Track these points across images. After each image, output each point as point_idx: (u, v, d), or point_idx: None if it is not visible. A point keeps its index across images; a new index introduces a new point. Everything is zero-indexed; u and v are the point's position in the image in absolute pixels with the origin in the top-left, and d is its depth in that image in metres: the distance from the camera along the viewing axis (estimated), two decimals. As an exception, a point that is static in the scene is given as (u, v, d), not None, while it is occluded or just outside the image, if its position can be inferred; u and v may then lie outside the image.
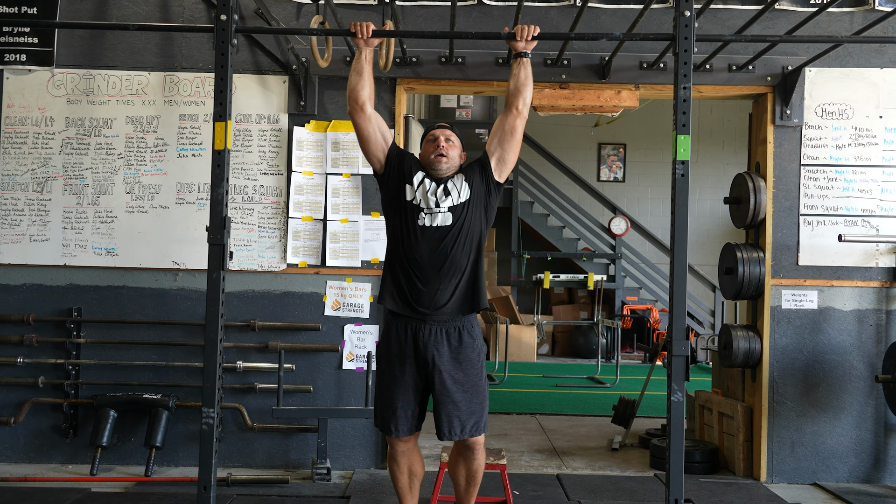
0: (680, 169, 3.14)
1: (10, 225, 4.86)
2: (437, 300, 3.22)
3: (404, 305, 3.26)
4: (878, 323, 4.84)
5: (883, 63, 4.87)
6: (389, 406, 3.28)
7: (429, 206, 3.24)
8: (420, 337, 3.24)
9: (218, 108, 3.14)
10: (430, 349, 3.23)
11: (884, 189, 4.85)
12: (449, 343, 3.25)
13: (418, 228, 3.23)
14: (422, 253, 3.22)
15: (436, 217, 3.23)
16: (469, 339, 3.28)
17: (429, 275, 3.22)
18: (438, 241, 3.22)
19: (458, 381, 3.24)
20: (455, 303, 3.25)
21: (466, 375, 3.26)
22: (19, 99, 4.89)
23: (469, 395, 3.25)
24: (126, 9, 4.89)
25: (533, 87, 3.39)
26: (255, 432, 4.79)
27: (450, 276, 3.23)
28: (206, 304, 3.16)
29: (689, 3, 3.13)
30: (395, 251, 3.32)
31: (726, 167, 12.12)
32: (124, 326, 4.84)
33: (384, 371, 3.33)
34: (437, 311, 3.23)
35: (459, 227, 3.23)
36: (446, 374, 3.23)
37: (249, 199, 4.87)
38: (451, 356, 3.25)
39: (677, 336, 3.11)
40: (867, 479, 4.82)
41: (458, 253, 3.23)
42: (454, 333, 3.26)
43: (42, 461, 4.81)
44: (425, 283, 3.22)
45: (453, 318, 3.26)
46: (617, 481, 4.73)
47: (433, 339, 3.23)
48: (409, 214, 3.25)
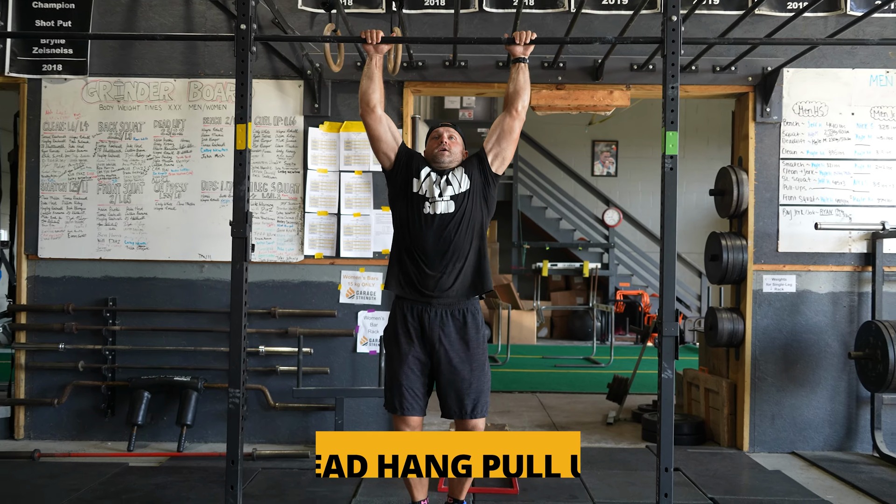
0: (669, 163, 3.13)
1: (49, 222, 4.88)
2: (441, 283, 3.21)
3: (411, 290, 3.26)
4: (850, 304, 4.84)
5: (855, 64, 4.84)
6: (396, 385, 3.27)
7: (433, 196, 3.24)
8: (426, 319, 3.23)
9: (239, 111, 3.14)
10: (436, 330, 3.22)
11: (856, 181, 4.83)
12: (454, 324, 3.24)
13: (423, 216, 3.23)
14: (427, 239, 3.22)
15: (439, 205, 3.22)
16: (472, 320, 3.28)
17: (434, 260, 3.22)
18: (442, 228, 3.22)
19: (464, 360, 3.23)
20: (459, 286, 3.24)
21: (471, 355, 3.25)
22: (56, 106, 4.90)
23: (475, 374, 3.24)
24: (153, 20, 4.88)
25: (531, 89, 3.38)
26: (278, 411, 4.81)
27: (454, 261, 3.22)
28: (230, 293, 3.17)
29: (676, 8, 3.12)
30: (401, 239, 3.32)
31: (711, 161, 12.07)
32: (156, 315, 4.85)
33: (392, 353, 3.33)
34: (442, 295, 3.22)
35: (461, 215, 3.23)
36: (452, 353, 3.22)
37: (269, 195, 4.87)
38: (456, 336, 3.24)
39: (667, 318, 3.11)
40: (840, 448, 4.83)
41: (461, 238, 3.23)
42: (458, 315, 3.25)
43: (83, 438, 4.84)
44: (431, 267, 3.22)
45: (458, 301, 3.25)
46: (612, 453, 4.74)
47: (438, 321, 3.23)
48: (415, 204, 3.25)
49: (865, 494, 3.96)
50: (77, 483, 3.88)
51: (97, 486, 3.85)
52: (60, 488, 3.80)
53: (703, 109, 12.67)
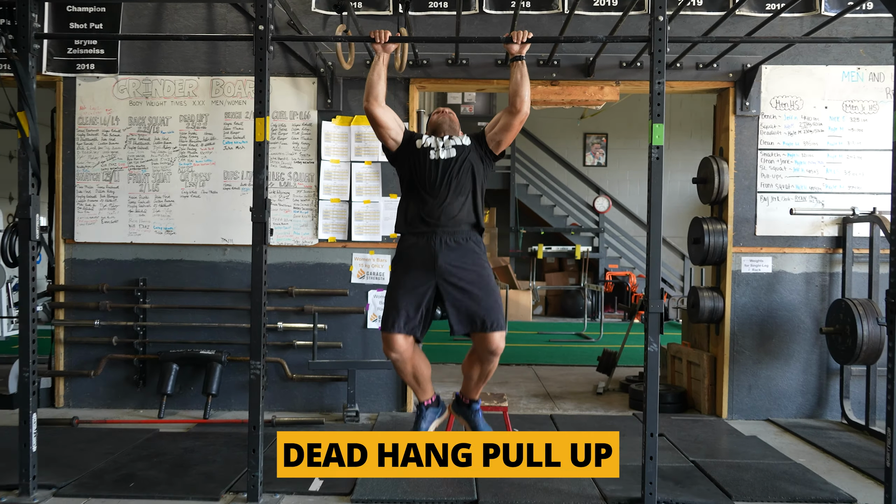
0: (655, 153, 3.13)
1: (85, 209, 4.89)
2: (446, 213, 3.30)
3: (419, 222, 3.34)
4: (822, 284, 4.84)
5: (828, 61, 4.82)
6: (394, 307, 3.29)
7: (437, 147, 3.40)
8: (432, 245, 3.29)
9: (258, 106, 3.14)
10: (443, 255, 3.27)
11: (828, 169, 4.82)
12: (459, 249, 3.30)
13: (430, 161, 3.37)
14: (432, 178, 3.34)
15: (442, 152, 3.38)
16: (475, 246, 3.35)
17: (439, 194, 3.32)
18: (446, 169, 3.35)
19: (474, 282, 3.25)
20: (461, 217, 3.33)
21: (480, 276, 3.27)
22: (89, 102, 4.89)
23: (486, 293, 3.24)
24: (177, 22, 4.87)
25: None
26: (295, 382, 4.84)
27: (456, 195, 3.32)
28: (251, 273, 3.19)
29: (663, 10, 3.11)
30: (409, 186, 3.43)
31: (694, 152, 12.03)
32: (182, 294, 4.87)
33: (395, 279, 3.36)
34: (447, 223, 3.29)
35: (462, 160, 3.37)
36: (461, 275, 3.26)
37: (286, 184, 4.87)
38: (461, 258, 3.29)
39: (652, 297, 3.12)
40: (812, 415, 4.85)
41: (462, 177, 3.35)
42: (462, 240, 3.32)
43: (117, 406, 4.88)
44: (436, 200, 3.32)
45: (460, 230, 3.32)
46: (601, 420, 4.76)
47: (445, 246, 3.28)
48: (422, 154, 3.40)
49: (834, 457, 3.98)
50: (112, 447, 3.92)
51: (131, 449, 3.89)
52: (98, 451, 3.84)
53: (686, 104, 12.61)
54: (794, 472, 3.65)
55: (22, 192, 3.24)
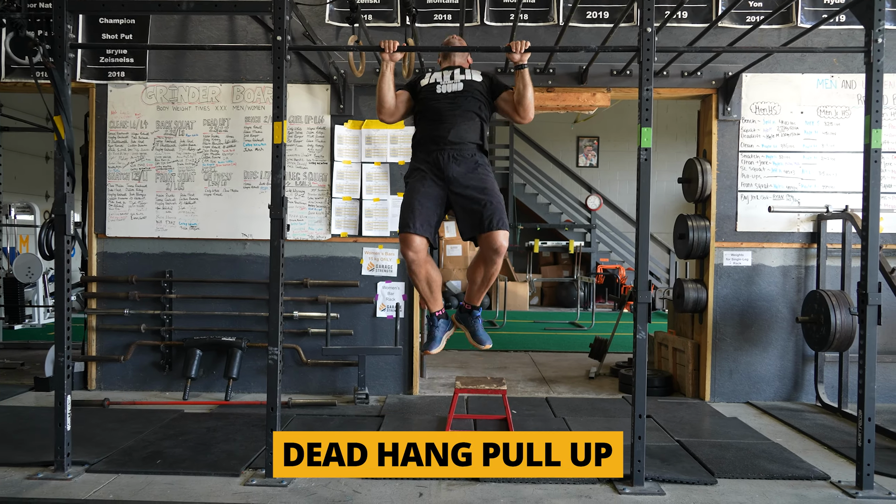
0: (643, 155, 3.11)
1: (115, 206, 4.88)
2: (454, 134, 3.30)
3: (429, 142, 3.34)
4: (798, 276, 4.82)
5: (804, 69, 4.78)
6: (410, 209, 3.28)
7: (444, 81, 3.41)
8: (442, 160, 3.30)
9: (275, 111, 3.13)
10: (450, 167, 3.28)
11: (804, 170, 4.79)
12: (466, 162, 3.30)
13: (437, 95, 3.38)
14: (440, 109, 3.35)
15: (450, 86, 3.39)
16: (482, 160, 3.35)
17: (447, 118, 3.33)
18: (454, 98, 3.36)
19: (479, 188, 3.26)
20: (468, 137, 3.33)
21: (484, 183, 3.29)
22: (120, 107, 4.88)
23: (489, 197, 3.24)
24: (201, 34, 4.85)
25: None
26: (309, 366, 4.84)
27: (464, 119, 3.33)
28: (269, 266, 3.18)
29: (651, 22, 3.08)
30: (420, 117, 3.43)
31: (679, 154, 11.98)
32: (205, 285, 4.87)
33: (410, 188, 3.35)
34: (455, 142, 3.30)
35: (469, 91, 3.38)
36: (468, 183, 3.27)
37: (301, 183, 4.86)
38: (468, 170, 3.29)
39: (641, 288, 3.11)
40: (788, 398, 4.84)
41: (470, 104, 3.36)
42: (469, 156, 3.32)
43: (145, 389, 4.89)
44: (445, 123, 3.32)
45: (466, 148, 3.32)
46: (593, 402, 4.75)
47: (453, 160, 3.29)
48: (429, 90, 3.41)
49: (809, 438, 3.97)
50: (141, 426, 3.92)
51: (158, 428, 3.89)
52: (127, 430, 3.84)
53: (672, 109, 12.55)
54: (773, 451, 3.63)
55: (58, 190, 3.23)
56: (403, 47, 3.41)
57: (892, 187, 4.75)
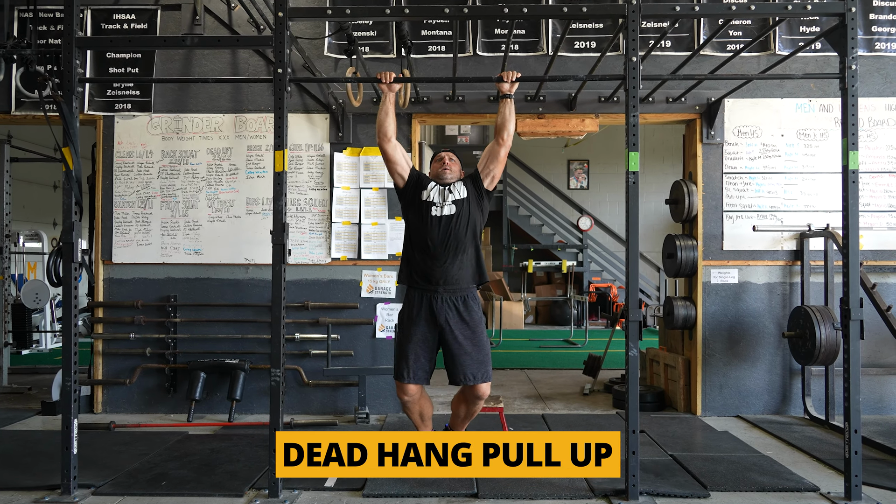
0: (632, 178, 3.13)
1: (122, 233, 4.89)
2: (447, 273, 3.26)
3: (421, 280, 3.30)
4: (783, 292, 4.83)
5: (783, 94, 4.84)
6: (404, 358, 3.29)
7: (439, 202, 3.32)
8: (434, 304, 3.27)
9: (277, 140, 3.15)
10: (443, 313, 3.25)
11: (786, 190, 4.83)
12: (457, 308, 3.27)
13: (431, 218, 3.29)
14: (433, 236, 3.27)
15: (443, 208, 3.30)
16: (473, 304, 3.32)
17: (439, 253, 3.26)
18: (446, 226, 3.28)
19: (468, 338, 3.26)
20: (462, 275, 3.28)
21: (474, 333, 3.28)
22: (126, 137, 4.91)
23: (477, 349, 3.27)
24: (205, 66, 4.90)
25: (517, 118, 3.42)
26: (311, 387, 4.81)
27: (456, 253, 3.27)
28: (271, 289, 3.18)
29: (636, 51, 3.13)
30: (412, 239, 3.37)
31: (666, 176, 12.08)
32: (209, 308, 4.86)
33: (403, 332, 3.35)
34: (447, 283, 3.27)
35: (460, 215, 3.30)
36: (458, 332, 3.25)
37: (302, 209, 4.88)
38: (459, 318, 3.27)
39: (632, 306, 3.12)
40: (777, 412, 4.82)
41: (461, 233, 3.28)
42: (460, 301, 3.29)
43: (150, 412, 4.85)
44: (438, 259, 3.26)
45: (460, 289, 3.29)
46: (588, 418, 4.73)
47: (444, 306, 3.26)
48: (425, 209, 3.32)
49: (798, 450, 3.95)
50: (146, 448, 3.89)
51: (163, 450, 3.85)
52: (133, 453, 3.81)
53: (658, 133, 12.66)
54: (763, 464, 3.61)
55: (66, 219, 3.24)
56: (400, 78, 3.45)
57: (870, 206, 4.79)
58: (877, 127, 4.82)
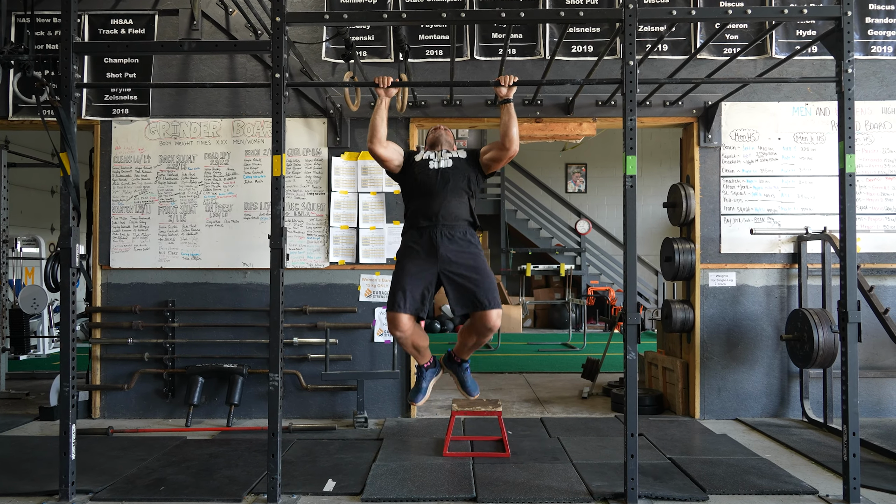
0: (629, 182, 3.14)
1: (119, 238, 4.88)
2: (445, 210, 3.32)
3: (422, 219, 3.35)
4: (781, 295, 4.84)
5: (780, 98, 4.86)
6: (400, 289, 3.27)
7: (436, 158, 3.45)
8: (434, 237, 3.30)
9: (274, 144, 3.15)
10: (444, 245, 3.29)
11: (783, 193, 4.84)
12: (457, 241, 3.31)
13: (430, 170, 3.40)
14: (432, 184, 3.36)
15: (441, 162, 3.42)
16: (472, 238, 3.38)
17: (438, 195, 3.34)
18: (445, 175, 3.38)
19: (472, 269, 3.26)
20: (459, 214, 3.35)
21: (476, 263, 3.29)
22: (124, 142, 4.91)
23: (482, 277, 3.25)
24: (202, 71, 4.90)
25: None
26: (309, 391, 4.80)
27: (454, 196, 3.35)
28: (269, 294, 3.18)
29: (633, 55, 3.13)
30: (411, 192, 3.45)
31: (664, 179, 12.09)
32: (207, 313, 4.85)
33: (400, 266, 3.35)
34: (446, 220, 3.31)
35: (457, 168, 3.42)
36: (461, 261, 3.27)
37: (300, 213, 4.87)
38: (459, 250, 3.30)
39: (630, 309, 3.11)
40: (775, 414, 4.82)
41: (459, 182, 3.39)
42: (459, 235, 3.33)
43: (148, 416, 4.83)
44: (436, 200, 3.33)
45: (458, 225, 3.34)
46: (586, 422, 4.73)
47: (444, 239, 3.30)
48: (423, 165, 3.44)
49: (797, 453, 3.95)
50: (144, 454, 3.88)
51: (161, 455, 3.84)
52: (131, 458, 3.79)
53: (656, 136, 12.67)
54: (762, 467, 3.61)
55: (63, 224, 3.24)
56: (397, 83, 3.46)
57: (867, 209, 4.80)
58: (873, 130, 4.83)
